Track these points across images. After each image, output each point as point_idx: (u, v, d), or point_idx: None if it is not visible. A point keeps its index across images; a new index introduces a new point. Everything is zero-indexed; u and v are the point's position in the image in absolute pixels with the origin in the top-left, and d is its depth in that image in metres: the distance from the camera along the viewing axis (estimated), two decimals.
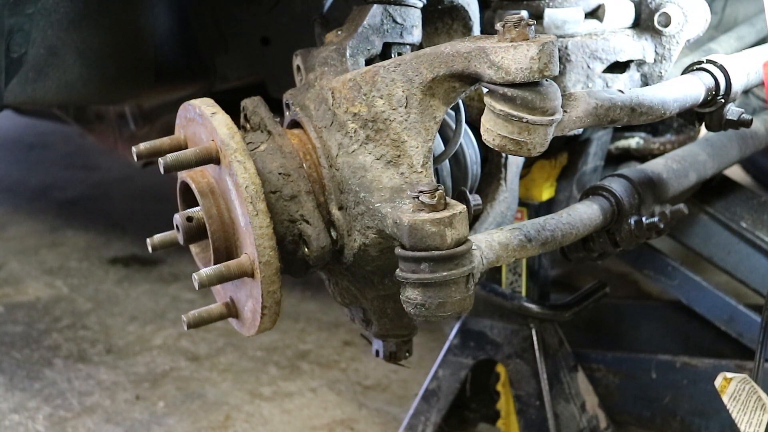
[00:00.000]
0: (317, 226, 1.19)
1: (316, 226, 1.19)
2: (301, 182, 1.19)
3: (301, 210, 1.19)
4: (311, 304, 2.75)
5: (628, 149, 1.94)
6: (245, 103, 1.26)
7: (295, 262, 1.21)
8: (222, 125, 1.12)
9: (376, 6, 1.31)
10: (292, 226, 1.18)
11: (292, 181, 1.19)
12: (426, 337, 2.43)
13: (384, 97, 1.19)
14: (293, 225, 1.18)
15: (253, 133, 1.23)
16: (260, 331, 1.15)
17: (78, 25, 1.60)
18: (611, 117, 1.22)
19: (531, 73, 1.05)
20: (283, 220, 1.17)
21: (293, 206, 1.18)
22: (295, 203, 1.18)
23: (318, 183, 1.21)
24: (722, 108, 1.38)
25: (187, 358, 2.46)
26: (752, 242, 1.94)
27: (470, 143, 1.39)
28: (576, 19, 1.51)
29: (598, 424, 1.90)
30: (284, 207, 1.17)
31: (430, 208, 1.07)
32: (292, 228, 1.18)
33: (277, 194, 1.17)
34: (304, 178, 1.20)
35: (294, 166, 1.20)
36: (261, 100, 1.26)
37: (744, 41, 1.88)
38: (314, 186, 1.21)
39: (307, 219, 1.19)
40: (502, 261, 1.17)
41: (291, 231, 1.18)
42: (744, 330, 1.96)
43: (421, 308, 1.09)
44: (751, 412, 1.32)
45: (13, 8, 1.45)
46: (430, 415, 1.92)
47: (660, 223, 1.40)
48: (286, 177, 1.18)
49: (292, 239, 1.19)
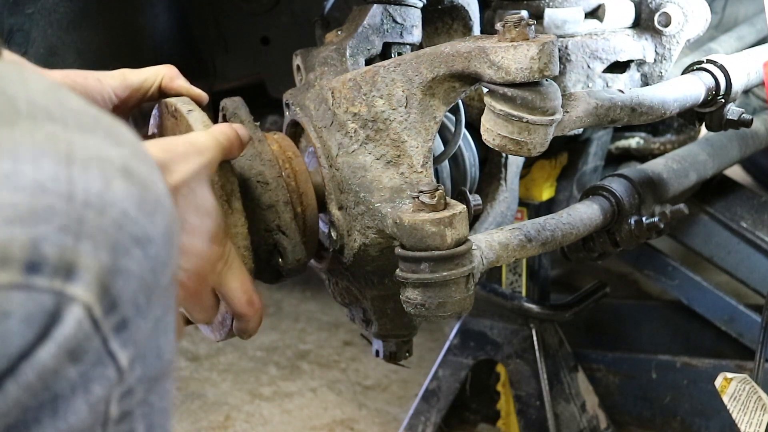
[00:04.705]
0: (293, 238, 1.15)
1: (293, 238, 1.15)
2: (279, 192, 1.15)
3: (278, 220, 1.15)
4: (311, 304, 2.75)
5: (628, 149, 1.94)
6: (225, 103, 1.21)
7: (269, 270, 1.18)
8: (198, 123, 1.07)
9: (376, 6, 1.31)
10: (268, 235, 1.15)
11: (271, 190, 1.14)
12: (426, 337, 2.43)
13: (384, 97, 1.19)
14: (269, 234, 1.15)
15: None
16: (228, 336, 1.11)
17: (78, 25, 1.60)
18: (611, 117, 1.22)
19: (531, 73, 1.05)
20: (260, 228, 1.14)
21: (270, 215, 1.14)
22: (272, 213, 1.14)
23: (296, 193, 1.18)
24: (722, 108, 1.38)
25: (187, 358, 2.46)
26: (752, 242, 1.94)
27: (468, 146, 1.39)
28: (576, 19, 1.51)
29: (598, 424, 1.90)
30: (261, 216, 1.14)
31: (430, 208, 1.07)
32: (267, 237, 1.15)
33: (254, 202, 1.13)
34: (282, 188, 1.15)
35: (273, 174, 1.15)
36: (242, 101, 1.21)
37: (744, 41, 1.88)
38: (293, 196, 1.17)
39: (284, 230, 1.15)
40: (502, 261, 1.17)
41: (266, 240, 1.15)
42: (744, 330, 1.96)
43: (421, 308, 1.09)
44: (751, 412, 1.32)
45: (13, 8, 1.45)
46: (430, 415, 1.92)
47: (660, 223, 1.40)
48: (265, 185, 1.14)
49: (267, 248, 1.15)
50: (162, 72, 1.14)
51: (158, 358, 0.68)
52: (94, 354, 0.61)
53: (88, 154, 0.61)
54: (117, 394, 0.65)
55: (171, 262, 0.66)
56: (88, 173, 0.61)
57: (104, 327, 0.61)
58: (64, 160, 0.60)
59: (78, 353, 0.60)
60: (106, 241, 0.60)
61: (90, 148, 0.62)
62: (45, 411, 0.60)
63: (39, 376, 0.58)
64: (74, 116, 0.64)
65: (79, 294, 0.59)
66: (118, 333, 0.62)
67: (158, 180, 0.66)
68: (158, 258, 0.64)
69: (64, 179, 0.59)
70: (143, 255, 0.62)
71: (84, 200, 0.60)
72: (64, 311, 0.59)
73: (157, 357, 0.68)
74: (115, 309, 0.61)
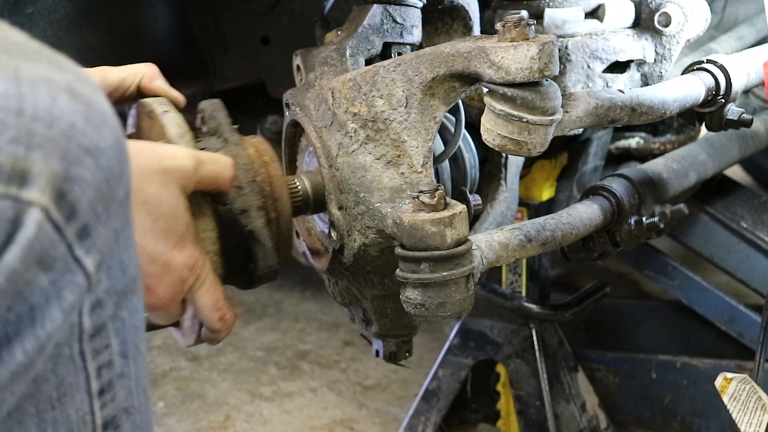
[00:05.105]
0: (266, 245, 1.13)
1: (265, 245, 1.13)
2: (252, 197, 1.12)
3: (250, 225, 1.12)
4: (311, 304, 2.75)
5: (628, 149, 1.94)
6: (203, 105, 1.18)
7: (241, 275, 1.16)
8: (172, 124, 1.06)
9: (376, 6, 1.31)
10: (241, 241, 1.12)
11: (245, 194, 1.11)
12: (426, 337, 2.43)
13: (384, 96, 1.19)
14: (242, 240, 1.12)
15: (208, 138, 1.14)
16: (197, 342, 1.09)
17: (78, 25, 1.60)
18: (611, 117, 1.22)
19: (531, 72, 1.05)
20: (233, 233, 1.12)
21: (243, 220, 1.12)
22: (245, 218, 1.12)
23: (271, 198, 1.15)
24: (722, 108, 1.38)
25: (187, 358, 2.46)
26: (752, 242, 1.94)
27: (468, 147, 1.39)
28: (576, 18, 1.51)
29: (598, 424, 1.90)
30: (234, 220, 1.11)
31: (430, 208, 1.07)
32: (240, 243, 1.12)
33: (227, 206, 1.11)
34: (256, 193, 1.13)
35: (248, 179, 1.12)
36: (220, 104, 1.18)
37: (744, 41, 1.88)
38: (266, 201, 1.14)
39: (256, 236, 1.12)
40: (502, 261, 1.17)
41: (239, 246, 1.13)
42: (744, 330, 1.96)
43: (421, 308, 1.09)
44: (751, 412, 1.32)
45: (13, 8, 1.45)
46: (430, 415, 1.92)
47: (660, 223, 1.40)
48: (239, 190, 1.11)
49: (239, 254, 1.13)
50: (142, 71, 1.15)
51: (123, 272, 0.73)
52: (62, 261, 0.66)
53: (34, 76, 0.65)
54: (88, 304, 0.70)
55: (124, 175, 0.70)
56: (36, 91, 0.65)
57: (67, 233, 0.66)
58: (12, 80, 0.64)
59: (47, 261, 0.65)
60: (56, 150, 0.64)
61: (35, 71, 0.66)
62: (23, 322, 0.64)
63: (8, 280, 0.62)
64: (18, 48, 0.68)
65: (35, 197, 0.63)
66: (82, 239, 0.67)
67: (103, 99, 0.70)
68: (111, 169, 0.68)
69: (14, 96, 0.63)
70: (95, 165, 0.67)
71: (33, 114, 0.64)
72: (22, 216, 0.63)
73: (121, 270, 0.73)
74: (75, 215, 0.66)
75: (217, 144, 1.14)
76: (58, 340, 0.69)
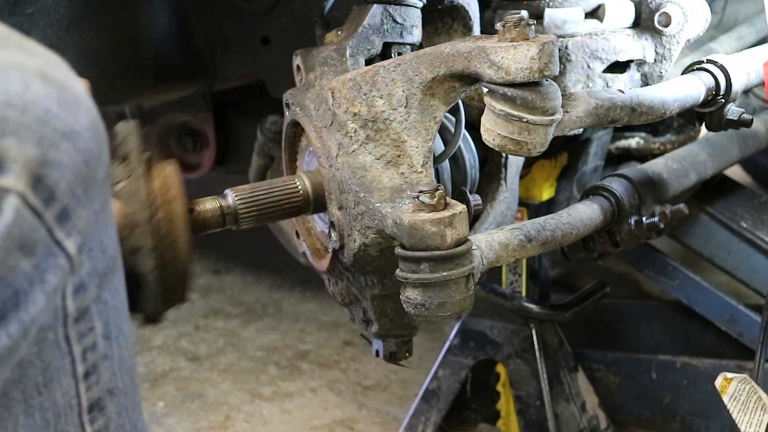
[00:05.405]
0: (151, 290, 1.06)
1: (151, 289, 1.06)
2: (146, 237, 1.05)
3: (141, 266, 1.06)
4: (311, 304, 2.75)
5: (628, 149, 1.93)
6: (118, 128, 1.10)
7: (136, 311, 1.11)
8: None
9: (376, 6, 1.31)
10: (132, 277, 1.06)
11: (138, 234, 1.05)
12: (426, 337, 2.43)
13: (384, 96, 1.19)
14: (134, 277, 1.06)
15: (119, 166, 1.07)
16: None
17: (78, 25, 1.60)
18: (611, 117, 1.22)
19: (531, 72, 1.05)
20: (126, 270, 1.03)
21: (135, 259, 1.06)
22: (134, 259, 1.05)
23: (167, 239, 1.08)
24: (722, 108, 1.38)
25: (187, 358, 2.45)
26: (752, 242, 1.94)
27: (468, 147, 1.39)
28: (576, 18, 1.51)
29: (598, 424, 1.90)
30: (127, 256, 1.04)
31: (430, 208, 1.07)
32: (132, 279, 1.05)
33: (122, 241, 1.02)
34: (149, 234, 1.06)
35: (144, 217, 1.05)
36: (135, 128, 1.10)
37: (744, 41, 1.88)
38: (161, 242, 1.07)
39: (144, 279, 1.06)
40: (502, 261, 1.17)
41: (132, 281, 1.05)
42: (744, 330, 1.95)
43: (421, 308, 1.09)
44: (751, 412, 1.32)
45: (13, 8, 1.45)
46: (430, 415, 1.92)
47: (660, 223, 1.40)
48: (131, 229, 1.05)
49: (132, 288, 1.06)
50: None
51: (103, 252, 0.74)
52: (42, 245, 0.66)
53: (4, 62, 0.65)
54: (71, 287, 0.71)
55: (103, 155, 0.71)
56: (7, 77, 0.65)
57: (47, 217, 0.66)
58: None
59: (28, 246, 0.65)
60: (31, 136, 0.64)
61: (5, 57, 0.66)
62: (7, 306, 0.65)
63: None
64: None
65: (10, 184, 0.63)
66: (62, 223, 0.67)
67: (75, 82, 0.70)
68: (89, 151, 0.68)
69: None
70: (73, 148, 0.67)
71: (5, 101, 0.64)
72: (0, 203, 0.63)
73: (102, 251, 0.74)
74: (54, 199, 0.66)
75: (122, 174, 1.07)
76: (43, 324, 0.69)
